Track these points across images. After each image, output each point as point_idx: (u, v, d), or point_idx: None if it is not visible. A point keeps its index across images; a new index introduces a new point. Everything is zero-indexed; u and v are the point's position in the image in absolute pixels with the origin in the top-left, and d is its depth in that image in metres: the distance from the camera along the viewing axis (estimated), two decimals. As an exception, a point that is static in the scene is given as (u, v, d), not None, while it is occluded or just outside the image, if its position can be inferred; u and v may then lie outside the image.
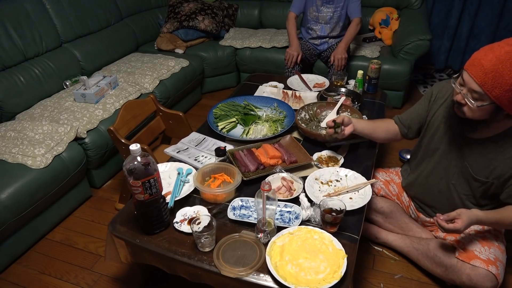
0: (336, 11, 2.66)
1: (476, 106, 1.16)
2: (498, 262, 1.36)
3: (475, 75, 1.12)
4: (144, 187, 1.14)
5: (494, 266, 1.34)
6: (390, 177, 1.77)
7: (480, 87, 1.12)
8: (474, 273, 1.34)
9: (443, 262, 1.45)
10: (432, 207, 1.57)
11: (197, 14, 3.30)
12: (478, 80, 1.12)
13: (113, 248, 1.32)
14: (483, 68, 1.11)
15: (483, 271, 1.33)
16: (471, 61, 1.16)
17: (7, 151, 1.82)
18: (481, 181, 1.36)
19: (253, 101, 2.01)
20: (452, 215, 1.27)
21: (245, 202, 1.35)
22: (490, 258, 1.36)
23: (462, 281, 1.38)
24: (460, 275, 1.38)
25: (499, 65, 1.09)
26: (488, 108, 1.16)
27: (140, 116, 1.96)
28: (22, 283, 1.69)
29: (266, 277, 1.10)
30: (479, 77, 1.12)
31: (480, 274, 1.33)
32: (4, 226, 1.63)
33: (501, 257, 1.39)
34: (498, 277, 1.33)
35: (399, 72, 2.81)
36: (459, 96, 1.21)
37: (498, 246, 1.41)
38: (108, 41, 2.90)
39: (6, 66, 2.28)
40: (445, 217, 1.28)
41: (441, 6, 3.34)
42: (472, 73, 1.13)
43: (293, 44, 2.70)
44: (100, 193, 2.24)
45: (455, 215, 1.26)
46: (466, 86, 1.17)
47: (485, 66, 1.10)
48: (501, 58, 1.09)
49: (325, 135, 1.60)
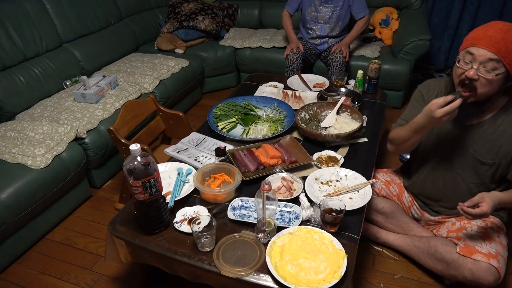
0: (335, 10, 2.66)
1: (495, 75, 1.18)
2: (500, 256, 1.36)
3: (487, 46, 1.17)
4: (144, 187, 1.14)
5: (495, 259, 1.34)
6: (391, 177, 1.77)
7: (495, 54, 1.16)
8: (476, 267, 1.34)
9: (444, 258, 1.46)
10: (439, 201, 1.57)
11: (197, 14, 3.30)
12: (492, 48, 1.16)
13: (113, 248, 1.32)
14: (493, 38, 1.16)
15: (485, 265, 1.33)
16: (475, 37, 1.20)
17: (7, 151, 1.82)
18: (488, 164, 1.38)
19: (253, 101, 2.01)
20: (476, 199, 1.27)
21: (245, 202, 1.35)
22: (491, 252, 1.36)
23: (464, 276, 1.38)
24: (462, 270, 1.38)
25: (506, 34, 1.16)
26: (500, 78, 1.20)
27: (140, 116, 1.96)
28: (22, 283, 1.69)
29: (266, 277, 1.10)
30: (492, 46, 1.16)
31: (482, 268, 1.33)
32: (4, 226, 1.63)
33: (502, 252, 1.39)
34: (500, 271, 1.33)
35: (399, 72, 2.81)
36: (471, 72, 1.20)
37: (499, 242, 1.42)
38: (108, 41, 2.90)
39: (6, 66, 2.27)
40: (469, 203, 1.27)
41: (441, 6, 3.34)
42: (483, 45, 1.17)
43: (292, 39, 2.74)
44: (100, 193, 2.24)
45: (479, 199, 1.26)
46: (478, 60, 1.19)
47: (493, 37, 1.16)
48: (504, 29, 1.17)
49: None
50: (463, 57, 1.24)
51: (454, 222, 1.54)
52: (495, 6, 3.16)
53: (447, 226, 1.55)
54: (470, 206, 1.27)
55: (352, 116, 1.82)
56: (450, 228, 1.53)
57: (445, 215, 1.59)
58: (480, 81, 1.20)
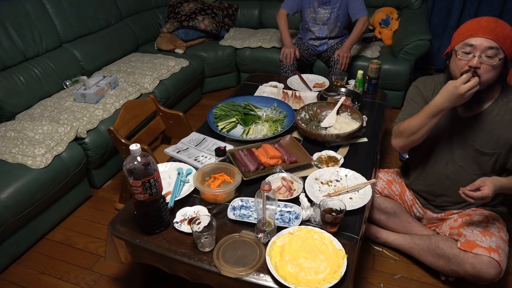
0: (333, 12, 2.65)
1: (498, 60, 1.23)
2: (500, 249, 1.37)
3: (485, 34, 1.23)
4: (144, 187, 1.14)
5: (496, 253, 1.34)
6: (392, 177, 1.77)
7: (495, 41, 1.22)
8: (477, 261, 1.35)
9: (445, 253, 1.46)
10: (442, 196, 1.57)
11: (197, 14, 3.30)
12: (491, 35, 1.22)
13: (113, 248, 1.32)
14: (488, 27, 1.23)
15: (486, 259, 1.34)
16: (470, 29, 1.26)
17: (7, 151, 1.82)
18: (489, 154, 1.40)
19: (253, 101, 2.01)
20: (477, 183, 1.28)
21: (245, 202, 1.35)
22: (491, 246, 1.37)
23: (465, 270, 1.38)
24: (463, 265, 1.38)
25: (497, 22, 1.24)
26: (500, 66, 1.25)
27: (140, 116, 1.96)
28: (22, 283, 1.69)
29: (266, 277, 1.10)
30: (490, 33, 1.22)
31: (483, 262, 1.34)
32: (4, 226, 1.63)
33: (503, 246, 1.40)
34: (501, 264, 1.34)
35: (399, 72, 2.81)
36: (475, 60, 1.24)
37: (500, 236, 1.42)
38: (108, 41, 2.90)
39: (6, 66, 2.27)
40: (471, 187, 1.29)
41: (441, 6, 3.34)
42: (481, 34, 1.23)
43: (287, 42, 2.69)
44: (100, 193, 2.24)
45: (480, 183, 1.28)
46: (478, 48, 1.23)
47: (488, 26, 1.23)
48: (493, 19, 1.25)
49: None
50: (461, 50, 1.27)
51: (456, 219, 1.54)
52: (495, 6, 3.15)
53: (449, 223, 1.55)
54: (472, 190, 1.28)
55: (352, 116, 1.82)
56: (452, 225, 1.53)
57: (449, 210, 1.59)
58: (484, 68, 1.24)
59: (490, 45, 1.22)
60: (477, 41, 1.24)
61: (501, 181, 1.31)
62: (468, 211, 1.54)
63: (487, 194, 1.26)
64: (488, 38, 1.22)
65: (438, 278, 1.60)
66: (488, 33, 1.22)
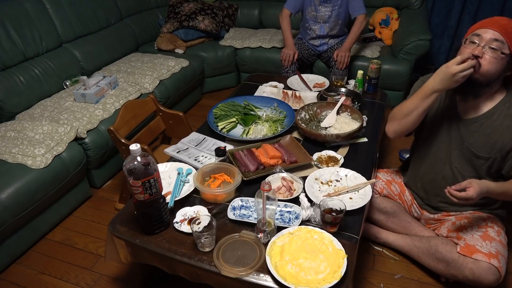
0: (334, 9, 2.65)
1: (501, 54, 1.24)
2: (500, 255, 1.36)
3: (494, 26, 1.25)
4: (144, 187, 1.14)
5: (495, 259, 1.34)
6: (391, 176, 1.77)
7: (501, 35, 1.24)
8: (477, 267, 1.34)
9: (444, 257, 1.46)
10: (438, 196, 1.57)
11: (197, 14, 3.30)
12: (499, 29, 1.25)
13: (113, 248, 1.32)
14: (499, 22, 1.26)
15: (485, 265, 1.33)
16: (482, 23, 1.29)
17: (7, 151, 1.82)
18: (484, 158, 1.39)
19: (253, 101, 2.01)
20: (463, 184, 1.28)
21: (245, 202, 1.35)
22: (491, 252, 1.36)
23: (464, 275, 1.38)
24: (463, 270, 1.38)
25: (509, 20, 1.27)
26: (504, 60, 1.26)
27: (140, 116, 1.96)
28: (22, 283, 1.69)
29: (266, 277, 1.10)
30: (499, 26, 1.25)
31: (482, 268, 1.33)
32: (4, 226, 1.63)
33: (502, 251, 1.39)
34: (501, 270, 1.33)
35: (399, 72, 2.81)
36: (478, 49, 1.25)
37: (499, 241, 1.42)
38: (108, 41, 2.90)
39: (6, 66, 2.27)
40: (457, 187, 1.29)
41: (441, 6, 3.33)
42: (491, 26, 1.26)
43: (288, 44, 2.70)
44: (100, 193, 2.24)
45: (466, 184, 1.28)
46: (484, 39, 1.26)
47: (500, 21, 1.27)
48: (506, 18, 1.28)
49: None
50: (469, 39, 1.30)
51: (454, 222, 1.54)
52: (495, 6, 3.15)
53: (447, 226, 1.55)
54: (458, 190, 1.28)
55: (352, 116, 1.82)
56: (450, 228, 1.53)
57: (445, 211, 1.59)
58: (486, 58, 1.25)
59: (496, 37, 1.24)
60: (484, 32, 1.26)
61: (490, 185, 1.30)
62: (466, 214, 1.54)
63: (471, 196, 1.25)
64: (495, 31, 1.25)
65: (438, 278, 1.60)
66: (498, 26, 1.25)
